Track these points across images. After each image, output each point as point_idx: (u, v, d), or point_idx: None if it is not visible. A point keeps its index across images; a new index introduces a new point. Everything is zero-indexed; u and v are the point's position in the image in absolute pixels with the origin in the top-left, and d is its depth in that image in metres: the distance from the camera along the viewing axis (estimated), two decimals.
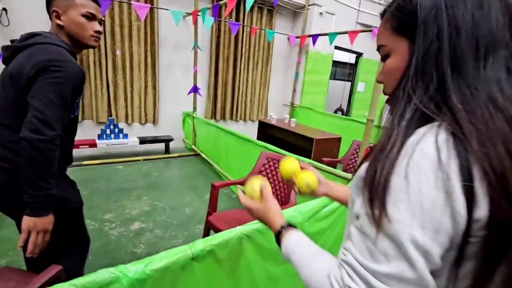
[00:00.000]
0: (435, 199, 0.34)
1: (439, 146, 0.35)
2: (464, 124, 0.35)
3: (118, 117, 3.98)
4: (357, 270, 0.38)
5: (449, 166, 0.34)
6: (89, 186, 2.94)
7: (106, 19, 3.55)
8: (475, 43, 0.38)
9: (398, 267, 0.35)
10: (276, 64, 5.35)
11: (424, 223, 0.34)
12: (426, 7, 0.40)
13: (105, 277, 0.80)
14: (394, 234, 0.35)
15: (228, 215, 1.82)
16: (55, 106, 0.90)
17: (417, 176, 0.35)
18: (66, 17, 1.02)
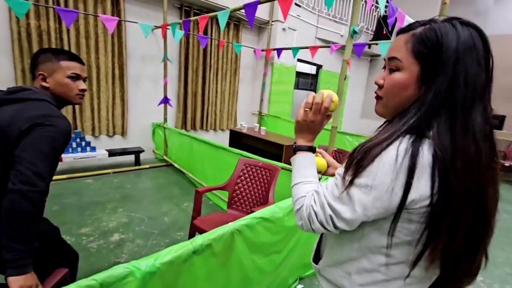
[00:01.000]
0: (385, 182, 0.50)
1: (399, 152, 0.49)
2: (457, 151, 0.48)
3: (84, 129, 3.86)
4: (321, 198, 0.59)
5: (402, 166, 0.48)
6: (58, 201, 2.83)
7: (71, 30, 3.48)
8: (474, 91, 0.49)
9: (344, 208, 0.55)
10: (244, 75, 5.59)
11: (372, 191, 0.51)
12: (451, 49, 0.49)
13: (121, 272, 0.90)
14: (352, 192, 0.54)
15: (211, 218, 1.95)
16: (48, 159, 0.91)
17: (382, 167, 0.50)
18: (52, 79, 1.07)
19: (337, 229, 0.58)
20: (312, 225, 0.60)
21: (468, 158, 0.48)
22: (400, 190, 0.49)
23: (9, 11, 3.08)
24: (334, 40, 6.06)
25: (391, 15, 2.24)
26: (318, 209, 0.59)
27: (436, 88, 0.50)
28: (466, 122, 0.49)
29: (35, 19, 3.25)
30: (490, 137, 0.51)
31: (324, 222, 0.58)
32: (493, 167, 0.51)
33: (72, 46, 3.52)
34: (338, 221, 0.57)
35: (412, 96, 0.55)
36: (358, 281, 0.61)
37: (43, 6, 3.18)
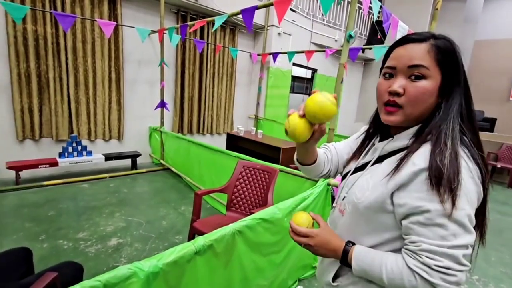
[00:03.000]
0: (473, 189, 0.54)
1: (467, 161, 0.54)
2: (477, 142, 0.58)
3: (80, 134, 3.84)
4: (437, 251, 0.51)
5: (473, 172, 0.54)
6: (54, 206, 2.80)
7: (68, 35, 3.48)
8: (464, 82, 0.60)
9: (465, 239, 0.52)
10: (240, 79, 5.63)
11: (471, 204, 0.53)
12: (461, 58, 0.58)
13: (124, 273, 0.91)
14: (460, 219, 0.51)
15: (210, 220, 1.96)
16: None
17: (466, 179, 0.53)
18: None
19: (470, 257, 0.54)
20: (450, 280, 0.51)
21: (479, 143, 0.58)
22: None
23: (6, 15, 3.08)
24: (329, 45, 6.15)
25: (386, 20, 2.30)
26: (449, 263, 0.51)
27: (460, 90, 0.59)
28: (475, 127, 0.60)
29: (31, 24, 3.24)
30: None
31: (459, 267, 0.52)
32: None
33: (68, 51, 3.52)
34: (468, 251, 0.53)
35: (432, 105, 0.59)
36: None
37: (40, 10, 3.18)
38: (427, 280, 0.51)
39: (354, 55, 3.55)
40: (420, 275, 0.52)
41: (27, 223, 2.42)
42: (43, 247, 2.11)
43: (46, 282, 0.93)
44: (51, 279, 0.95)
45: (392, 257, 0.58)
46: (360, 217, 0.65)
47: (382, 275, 0.56)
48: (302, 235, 0.67)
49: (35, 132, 3.50)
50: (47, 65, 3.42)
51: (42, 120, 3.55)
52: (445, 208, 0.50)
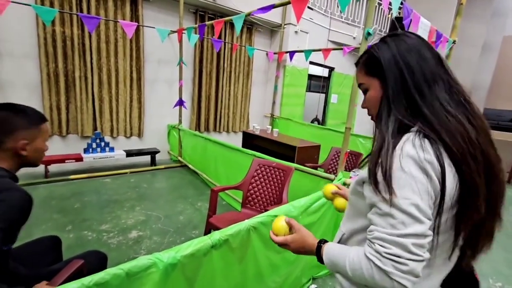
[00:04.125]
0: (421, 181, 0.53)
1: (416, 147, 0.55)
2: (437, 127, 0.56)
3: (103, 130, 4.01)
4: (387, 239, 0.53)
5: (426, 160, 0.53)
6: (79, 199, 2.96)
7: (93, 36, 3.64)
8: (424, 77, 0.60)
9: (413, 228, 0.52)
10: (256, 78, 5.65)
11: (419, 193, 0.53)
12: (386, 59, 0.64)
13: (145, 263, 0.96)
14: (406, 208, 0.52)
15: (226, 216, 2.00)
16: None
17: (407, 168, 0.54)
18: (31, 147, 0.95)
19: (425, 249, 0.53)
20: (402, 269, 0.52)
21: (449, 129, 0.56)
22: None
23: (36, 18, 3.26)
24: (347, 43, 6.04)
25: (406, 17, 2.24)
26: (398, 251, 0.52)
27: (390, 85, 0.63)
28: (430, 101, 0.59)
29: (60, 26, 3.42)
30: (464, 103, 0.60)
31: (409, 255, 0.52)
32: (483, 128, 0.58)
33: (93, 51, 3.69)
34: (420, 240, 0.52)
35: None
36: None
37: (68, 13, 3.35)
38: (380, 267, 0.53)
39: None
40: (374, 263, 0.53)
41: (55, 214, 2.58)
42: (69, 237, 2.24)
43: (74, 268, 1.00)
44: (79, 266, 1.02)
45: (355, 249, 0.60)
46: (349, 201, 0.76)
47: (346, 266, 0.59)
48: (280, 243, 0.75)
49: (62, 128, 3.69)
50: (74, 65, 3.60)
51: (68, 117, 3.74)
52: (388, 198, 0.54)
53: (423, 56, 0.62)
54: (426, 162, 0.54)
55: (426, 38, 2.54)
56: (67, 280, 0.94)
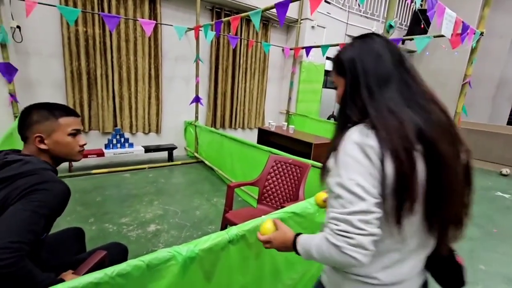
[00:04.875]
0: (364, 162, 0.59)
1: (361, 137, 0.61)
2: (377, 124, 0.61)
3: (123, 127, 4.13)
4: (338, 217, 0.59)
5: (368, 145, 0.59)
6: (100, 193, 3.07)
7: (113, 35, 3.74)
8: (377, 79, 0.65)
9: (358, 206, 0.57)
10: (272, 74, 5.62)
11: (362, 174, 0.58)
12: (347, 60, 0.70)
13: (165, 255, 0.98)
14: (350, 187, 0.58)
15: (242, 212, 2.01)
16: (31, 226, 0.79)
17: (351, 152, 0.60)
18: (51, 140, 0.96)
19: (372, 224, 0.58)
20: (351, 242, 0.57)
21: (387, 127, 0.60)
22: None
23: (61, 18, 3.39)
24: None
25: (430, 8, 2.14)
26: (345, 227, 0.58)
27: (348, 84, 0.69)
28: (377, 101, 0.64)
29: (82, 25, 3.54)
30: (419, 102, 0.63)
31: (355, 230, 0.57)
32: (439, 124, 0.61)
33: (114, 49, 3.79)
34: (364, 216, 0.57)
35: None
36: None
37: (90, 12, 3.46)
38: (333, 243, 0.59)
39: None
40: (330, 240, 0.59)
41: (78, 207, 2.69)
42: (92, 229, 2.34)
43: (97, 259, 1.03)
44: (102, 257, 1.06)
45: (320, 234, 0.65)
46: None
47: (314, 251, 0.65)
48: (264, 241, 0.82)
49: (85, 125, 3.84)
50: (95, 63, 3.72)
51: (91, 114, 3.88)
52: (337, 181, 0.61)
53: (381, 59, 0.67)
54: (368, 147, 0.59)
55: (451, 30, 2.41)
56: (90, 269, 0.98)
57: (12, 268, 0.69)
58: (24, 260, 0.73)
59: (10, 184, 0.82)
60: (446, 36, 2.52)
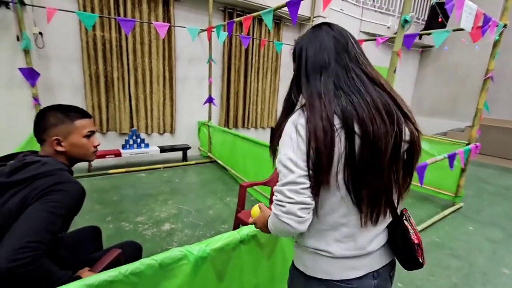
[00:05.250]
0: (295, 139, 0.66)
1: (297, 117, 0.68)
2: (307, 106, 0.68)
3: (139, 127, 4.24)
4: (276, 189, 0.67)
5: (299, 123, 0.66)
6: (117, 192, 3.16)
7: (129, 38, 3.84)
8: (314, 66, 0.71)
9: (288, 177, 0.65)
10: (285, 73, 5.59)
11: (293, 150, 0.65)
12: (297, 48, 0.77)
13: (177, 254, 1.00)
14: (284, 162, 0.66)
15: None
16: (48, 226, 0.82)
17: (288, 130, 0.68)
18: (67, 142, 0.99)
19: (299, 193, 0.64)
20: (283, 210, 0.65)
21: (313, 108, 0.66)
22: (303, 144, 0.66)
23: (79, 23, 3.52)
24: (380, 33, 5.72)
25: (449, 1, 2.05)
26: (279, 196, 0.66)
27: (294, 70, 0.77)
28: (311, 86, 0.70)
29: (100, 30, 3.66)
30: (358, 88, 0.66)
31: (285, 199, 0.65)
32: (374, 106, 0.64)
33: (129, 52, 3.89)
34: (292, 186, 0.64)
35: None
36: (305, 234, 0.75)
37: (107, 17, 3.57)
38: (274, 213, 0.68)
39: (410, 42, 3.25)
40: (272, 211, 0.68)
41: (97, 206, 2.79)
42: (109, 227, 2.41)
43: (112, 257, 1.06)
44: (117, 255, 1.09)
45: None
46: None
47: (270, 225, 0.73)
48: (252, 223, 0.91)
49: (103, 126, 3.96)
50: (112, 66, 3.83)
51: (108, 116, 4.00)
52: (278, 157, 0.68)
53: (321, 47, 0.71)
54: (299, 125, 0.66)
55: (471, 23, 2.29)
56: (106, 267, 1.01)
57: (30, 267, 0.72)
58: (42, 258, 0.76)
59: (29, 184, 0.86)
60: (466, 30, 2.41)
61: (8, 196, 0.85)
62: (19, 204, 0.83)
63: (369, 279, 0.73)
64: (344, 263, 0.72)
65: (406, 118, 0.68)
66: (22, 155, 0.97)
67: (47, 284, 0.75)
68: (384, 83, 0.69)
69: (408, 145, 0.68)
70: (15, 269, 0.70)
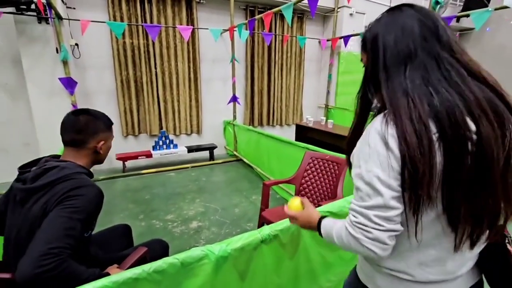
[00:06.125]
0: (384, 154, 0.55)
1: (382, 125, 0.56)
2: (389, 107, 0.57)
3: (167, 129, 4.41)
4: (356, 209, 0.59)
5: (387, 135, 0.55)
6: (149, 191, 3.32)
7: (156, 43, 4.00)
8: (397, 56, 0.58)
9: (375, 200, 0.56)
10: (309, 68, 5.47)
11: (382, 167, 0.55)
12: (368, 37, 0.65)
13: (198, 254, 1.01)
14: (369, 180, 0.56)
15: (279, 210, 2.00)
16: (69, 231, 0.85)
17: (372, 142, 0.57)
18: (105, 145, 1.11)
19: (391, 221, 0.56)
20: (365, 238, 0.58)
21: (400, 110, 0.54)
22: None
23: (110, 33, 3.73)
24: None
25: None
26: (362, 220, 0.58)
27: (368, 63, 0.65)
28: (392, 81, 0.58)
29: (129, 37, 3.86)
30: (448, 83, 0.54)
31: (370, 228, 0.57)
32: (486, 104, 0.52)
33: (157, 57, 4.06)
34: (381, 212, 0.56)
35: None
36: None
37: (134, 25, 3.75)
38: (352, 235, 0.59)
39: None
40: (348, 231, 0.60)
41: (130, 204, 2.95)
42: (141, 225, 2.54)
43: (139, 255, 1.12)
44: (143, 253, 1.14)
45: (342, 221, 0.66)
46: None
47: (334, 236, 0.66)
48: (291, 217, 0.86)
49: (134, 129, 4.18)
50: (141, 71, 4.02)
51: (139, 119, 4.21)
52: (357, 172, 0.59)
53: (405, 33, 0.59)
54: (389, 136, 0.55)
55: None
56: (132, 265, 1.06)
57: (53, 272, 0.76)
58: (66, 262, 0.79)
59: (50, 190, 0.90)
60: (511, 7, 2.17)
61: (32, 202, 0.90)
62: (42, 209, 0.88)
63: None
64: (426, 287, 0.63)
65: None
66: (44, 160, 1.03)
67: (76, 284, 0.79)
68: (487, 76, 0.56)
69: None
70: (41, 274, 0.74)
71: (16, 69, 3.37)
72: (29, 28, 3.03)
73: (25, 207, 0.92)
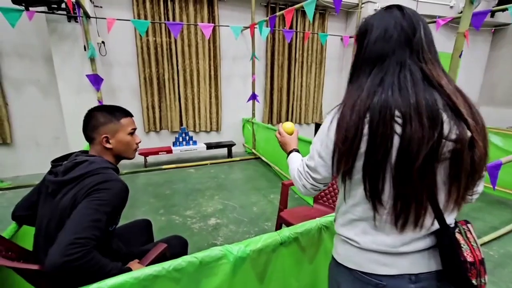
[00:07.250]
0: (325, 134, 0.70)
1: (335, 112, 0.69)
2: (344, 100, 0.68)
3: (188, 126, 4.47)
4: (304, 162, 0.79)
5: (334, 121, 0.68)
6: (169, 187, 3.39)
7: (178, 41, 4.06)
8: (372, 55, 0.66)
9: (310, 162, 0.75)
10: (330, 66, 5.34)
11: (321, 144, 0.71)
12: (361, 29, 0.70)
13: (217, 253, 1.01)
14: (312, 149, 0.75)
15: (298, 211, 1.96)
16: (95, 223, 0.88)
17: (325, 123, 0.71)
18: (115, 139, 1.07)
19: (315, 180, 0.76)
20: (300, 181, 0.79)
21: (348, 102, 0.66)
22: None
23: (134, 31, 3.82)
24: (441, 14, 5.07)
25: None
26: (302, 170, 0.79)
27: (354, 54, 0.74)
28: (356, 78, 0.69)
29: (152, 35, 3.94)
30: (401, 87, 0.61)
31: (303, 177, 0.78)
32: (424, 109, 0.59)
33: (178, 54, 4.12)
34: (311, 172, 0.76)
35: None
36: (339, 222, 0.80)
37: (157, 23, 3.82)
38: (296, 173, 0.82)
39: (479, 21, 2.78)
40: (298, 169, 0.81)
41: (151, 199, 3.02)
42: (161, 220, 2.59)
43: (159, 251, 1.13)
44: (163, 249, 1.15)
45: (299, 161, 0.85)
46: None
47: (290, 167, 0.88)
48: (279, 132, 1.05)
49: (156, 125, 4.28)
50: (163, 68, 4.10)
51: (161, 115, 4.31)
52: (313, 140, 0.76)
53: (386, 35, 0.64)
54: (334, 121, 0.68)
55: None
56: (153, 261, 1.07)
57: (81, 261, 0.79)
58: (91, 253, 0.82)
59: (79, 183, 0.94)
60: None
61: (63, 193, 0.95)
62: (71, 201, 0.91)
63: (405, 282, 0.68)
64: (372, 256, 0.70)
65: (459, 118, 0.60)
66: (74, 155, 1.07)
67: (100, 275, 0.82)
68: (446, 84, 0.62)
69: (454, 147, 0.60)
70: (68, 263, 0.77)
71: (47, 66, 3.54)
72: (59, 27, 3.16)
73: (56, 199, 0.95)
